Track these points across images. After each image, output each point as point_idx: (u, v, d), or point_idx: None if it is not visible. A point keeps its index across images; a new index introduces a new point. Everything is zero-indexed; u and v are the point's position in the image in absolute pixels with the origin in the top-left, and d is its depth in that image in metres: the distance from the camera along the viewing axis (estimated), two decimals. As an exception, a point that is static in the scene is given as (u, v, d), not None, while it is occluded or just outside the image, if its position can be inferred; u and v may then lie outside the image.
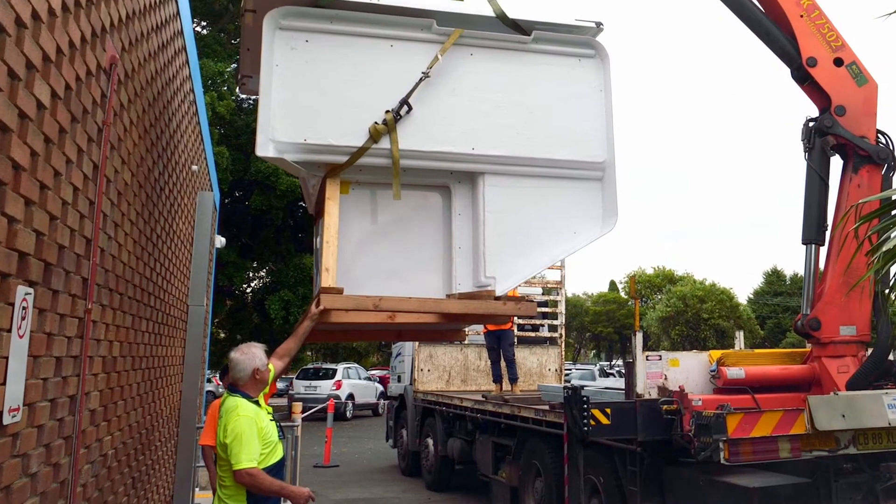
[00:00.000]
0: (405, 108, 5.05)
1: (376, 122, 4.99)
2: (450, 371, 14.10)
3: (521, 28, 5.42)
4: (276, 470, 4.59)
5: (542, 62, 5.50)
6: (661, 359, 7.85)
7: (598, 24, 5.58)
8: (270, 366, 4.88)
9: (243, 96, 26.26)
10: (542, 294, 14.20)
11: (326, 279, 4.95)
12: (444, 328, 6.32)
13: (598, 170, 5.55)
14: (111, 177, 4.15)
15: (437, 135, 5.16)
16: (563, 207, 5.48)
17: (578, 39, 5.60)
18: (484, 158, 5.29)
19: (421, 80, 5.10)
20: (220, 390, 35.29)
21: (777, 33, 8.04)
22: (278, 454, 4.64)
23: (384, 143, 5.02)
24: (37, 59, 2.80)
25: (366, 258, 5.31)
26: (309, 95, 4.97)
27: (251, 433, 4.39)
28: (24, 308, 2.76)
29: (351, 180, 5.28)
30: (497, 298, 5.20)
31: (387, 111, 5.02)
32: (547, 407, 8.72)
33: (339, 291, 4.94)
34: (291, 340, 5.21)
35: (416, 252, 5.43)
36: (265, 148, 4.83)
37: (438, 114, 5.19)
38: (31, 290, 2.85)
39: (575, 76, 5.57)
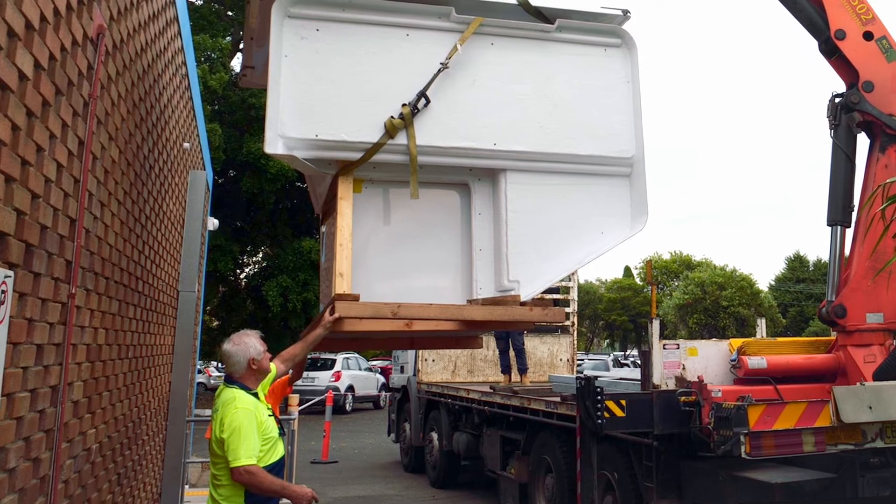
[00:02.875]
0: (423, 101, 5.00)
1: (392, 116, 4.95)
2: (455, 361, 14.11)
3: (544, 16, 5.36)
4: (277, 470, 4.47)
5: (567, 52, 5.45)
6: (678, 348, 7.83)
7: (625, 12, 5.53)
8: (273, 366, 4.84)
9: (237, 69, 26.15)
10: (553, 280, 14.16)
11: (341, 285, 4.89)
12: (460, 335, 6.25)
13: (626, 165, 5.52)
14: (97, 153, 4.13)
15: (456, 129, 5.11)
16: (590, 206, 5.44)
17: (604, 28, 5.56)
18: (506, 154, 5.24)
19: (439, 71, 5.05)
20: (212, 382, 35.09)
21: (804, 2, 7.98)
22: (279, 452, 4.53)
23: (401, 139, 4.96)
24: (19, 27, 2.78)
25: (379, 261, 5.25)
26: (320, 88, 4.91)
27: (250, 427, 4.26)
28: (3, 292, 2.75)
29: (364, 178, 5.22)
30: (523, 304, 5.14)
31: (403, 104, 4.97)
32: (558, 399, 8.71)
33: (356, 298, 4.84)
34: (299, 346, 5.15)
35: (432, 254, 5.39)
36: (274, 144, 4.77)
37: (458, 107, 5.13)
38: (10, 273, 2.84)
39: (601, 67, 5.52)
